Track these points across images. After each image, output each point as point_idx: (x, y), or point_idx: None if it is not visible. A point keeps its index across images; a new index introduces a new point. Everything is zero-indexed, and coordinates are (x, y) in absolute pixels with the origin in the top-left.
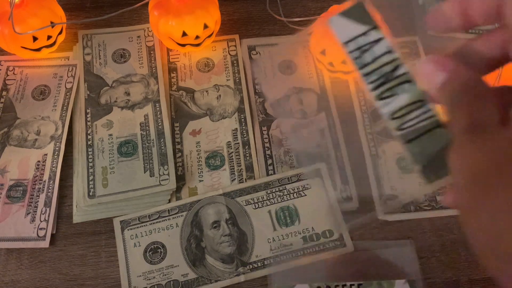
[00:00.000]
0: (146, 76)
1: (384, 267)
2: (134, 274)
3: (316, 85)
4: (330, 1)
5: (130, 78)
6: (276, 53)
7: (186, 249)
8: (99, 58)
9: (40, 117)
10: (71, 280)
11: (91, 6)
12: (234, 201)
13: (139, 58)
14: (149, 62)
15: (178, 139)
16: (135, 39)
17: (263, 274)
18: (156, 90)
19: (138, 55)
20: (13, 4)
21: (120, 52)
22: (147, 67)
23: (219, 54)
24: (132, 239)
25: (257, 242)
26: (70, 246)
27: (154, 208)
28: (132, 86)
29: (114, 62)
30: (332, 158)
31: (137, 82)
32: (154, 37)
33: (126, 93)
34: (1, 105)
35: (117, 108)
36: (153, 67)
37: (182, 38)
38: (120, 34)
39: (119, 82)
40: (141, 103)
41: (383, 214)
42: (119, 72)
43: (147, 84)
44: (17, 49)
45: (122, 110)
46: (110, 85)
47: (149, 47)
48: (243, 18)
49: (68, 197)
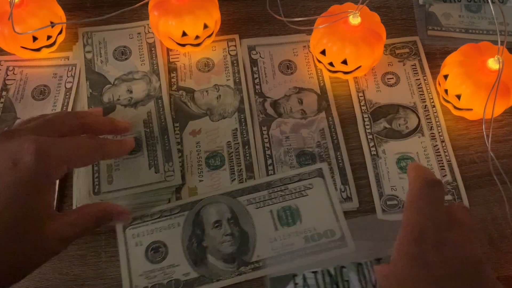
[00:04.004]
0: (148, 73)
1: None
2: (135, 273)
3: (316, 85)
4: (330, 1)
5: (132, 75)
6: (276, 53)
7: (187, 249)
8: (100, 55)
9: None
10: (71, 280)
11: (91, 6)
12: (236, 201)
13: (140, 55)
14: (150, 59)
15: (178, 139)
16: (136, 36)
17: (265, 274)
18: (158, 87)
19: (139, 52)
20: (13, 4)
21: (121, 50)
22: (148, 64)
23: (219, 54)
24: (134, 238)
25: (258, 242)
26: (70, 246)
27: (155, 208)
28: (135, 84)
29: (115, 60)
30: (332, 158)
31: (139, 80)
32: (155, 33)
33: (128, 91)
34: (1, 105)
35: (120, 106)
36: (154, 64)
37: (182, 38)
38: (120, 31)
39: (121, 80)
40: (144, 100)
41: (383, 214)
42: (120, 70)
43: (149, 81)
44: (17, 49)
45: (125, 108)
46: (112, 83)
47: (150, 43)
48: (243, 18)
49: (68, 197)
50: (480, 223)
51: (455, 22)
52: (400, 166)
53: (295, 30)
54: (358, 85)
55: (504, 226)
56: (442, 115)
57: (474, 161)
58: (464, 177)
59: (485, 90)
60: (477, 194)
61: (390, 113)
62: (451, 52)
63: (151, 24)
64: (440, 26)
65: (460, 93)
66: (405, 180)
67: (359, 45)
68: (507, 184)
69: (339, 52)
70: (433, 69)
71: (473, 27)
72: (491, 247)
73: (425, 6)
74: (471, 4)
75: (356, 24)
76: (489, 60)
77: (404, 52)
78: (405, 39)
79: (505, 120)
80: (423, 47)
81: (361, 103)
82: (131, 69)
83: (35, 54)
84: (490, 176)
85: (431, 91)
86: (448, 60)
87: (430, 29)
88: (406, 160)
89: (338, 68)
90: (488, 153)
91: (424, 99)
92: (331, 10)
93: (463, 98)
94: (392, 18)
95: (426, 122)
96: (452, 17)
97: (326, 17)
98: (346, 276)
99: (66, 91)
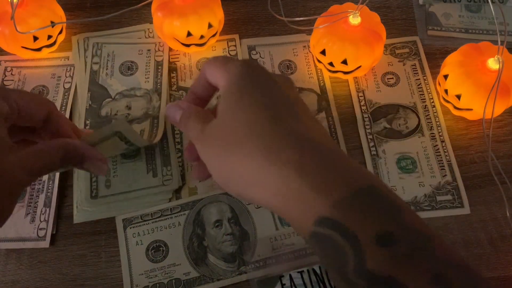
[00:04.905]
0: (150, 92)
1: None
2: (136, 272)
3: (316, 85)
4: (330, 1)
5: (134, 91)
6: (276, 53)
7: (188, 248)
8: (106, 68)
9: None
10: (71, 280)
11: (91, 6)
12: (236, 200)
13: (146, 72)
14: (155, 77)
15: (178, 139)
16: (145, 53)
17: (265, 274)
18: (158, 107)
19: (145, 69)
20: (16, 4)
21: (128, 64)
22: (152, 82)
23: (219, 54)
24: (135, 237)
25: (259, 241)
26: (70, 246)
27: (156, 207)
28: (135, 100)
29: (120, 74)
30: None
31: (140, 97)
32: (163, 52)
33: (127, 107)
34: None
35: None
36: (158, 83)
37: (187, 38)
38: (131, 46)
39: (122, 95)
40: (140, 119)
41: None
42: (124, 85)
43: (149, 100)
44: (18, 49)
45: None
46: (112, 97)
47: (158, 61)
48: (243, 18)
49: (68, 197)
50: (480, 223)
51: (455, 22)
52: (400, 166)
53: (295, 30)
54: (358, 85)
55: (504, 226)
56: (442, 115)
57: (474, 161)
58: (464, 177)
59: (485, 90)
60: (477, 194)
61: (390, 113)
62: (451, 52)
63: (155, 26)
64: (440, 26)
65: (460, 93)
66: (405, 180)
67: (359, 45)
68: (507, 184)
69: (339, 52)
70: (433, 69)
71: (473, 27)
72: (491, 247)
73: (425, 6)
74: (471, 4)
75: (356, 24)
76: (489, 60)
77: (404, 52)
78: (405, 39)
79: (505, 120)
80: (423, 47)
81: (361, 103)
82: (135, 85)
83: (36, 54)
84: (490, 176)
85: (431, 91)
86: (448, 60)
87: (430, 29)
88: (406, 160)
89: (338, 68)
90: (488, 153)
91: (424, 99)
92: (331, 10)
93: (463, 98)
94: (392, 18)
95: (426, 122)
96: (452, 17)
97: (326, 17)
98: None
99: (65, 92)
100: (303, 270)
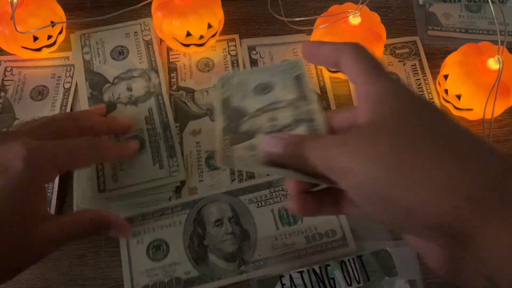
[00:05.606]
0: (147, 70)
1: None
2: (136, 271)
3: (316, 85)
4: (330, 1)
5: (131, 73)
6: (276, 53)
7: (188, 247)
8: (98, 56)
9: (39, 117)
10: (71, 280)
11: (91, 6)
12: (237, 200)
13: (138, 53)
14: (148, 56)
15: (178, 139)
16: (132, 35)
17: (265, 273)
18: (158, 84)
19: (136, 50)
20: (16, 4)
21: (118, 49)
22: (146, 62)
23: (219, 54)
24: (135, 236)
25: (259, 241)
26: (70, 246)
27: (157, 206)
28: (134, 81)
29: (113, 60)
30: None
31: (138, 77)
32: (150, 30)
33: (128, 89)
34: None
35: (121, 105)
36: (152, 61)
37: (186, 38)
38: (117, 30)
39: (120, 79)
40: (144, 97)
41: None
42: (119, 69)
43: (148, 79)
44: (18, 49)
45: (126, 106)
46: (111, 82)
47: (147, 41)
48: (243, 18)
49: (68, 197)
50: None
51: (455, 22)
52: None
53: (295, 30)
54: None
55: None
56: None
57: None
58: None
59: (485, 90)
60: None
61: None
62: (451, 52)
63: (155, 25)
64: (440, 26)
65: (460, 93)
66: None
67: None
68: None
69: None
70: (433, 69)
71: (473, 27)
72: None
73: (425, 6)
74: (471, 4)
75: (356, 24)
76: (489, 60)
77: (404, 52)
78: (405, 39)
79: (505, 120)
80: (423, 47)
81: None
82: (130, 67)
83: (36, 54)
84: None
85: (431, 91)
86: (448, 60)
87: (430, 29)
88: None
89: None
90: None
91: None
92: (331, 10)
93: (463, 98)
94: (392, 18)
95: None
96: (452, 17)
97: (326, 17)
98: (331, 274)
99: (65, 92)
100: (303, 270)
